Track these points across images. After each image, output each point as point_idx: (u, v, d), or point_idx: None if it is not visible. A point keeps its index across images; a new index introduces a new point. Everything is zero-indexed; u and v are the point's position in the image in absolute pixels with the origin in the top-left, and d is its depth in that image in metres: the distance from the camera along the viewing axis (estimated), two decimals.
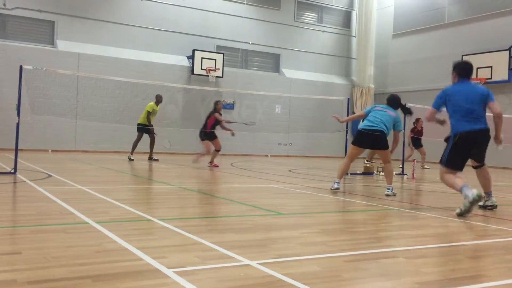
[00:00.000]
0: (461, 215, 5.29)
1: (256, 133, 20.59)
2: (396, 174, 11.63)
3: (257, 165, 11.71)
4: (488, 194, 6.01)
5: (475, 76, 18.85)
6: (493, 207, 5.93)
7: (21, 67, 8.50)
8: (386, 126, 7.30)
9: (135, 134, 13.97)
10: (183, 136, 19.43)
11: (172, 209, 5.40)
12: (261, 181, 9.20)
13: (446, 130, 6.53)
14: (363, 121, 7.67)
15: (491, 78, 18.43)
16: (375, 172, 11.83)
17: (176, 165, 13.04)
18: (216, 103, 12.10)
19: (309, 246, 3.65)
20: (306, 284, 2.60)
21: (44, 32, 17.71)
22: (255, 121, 15.74)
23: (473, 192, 5.30)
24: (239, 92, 18.46)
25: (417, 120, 15.39)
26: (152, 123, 13.82)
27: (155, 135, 13.76)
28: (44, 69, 10.01)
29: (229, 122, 12.28)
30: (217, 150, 11.98)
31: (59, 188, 6.62)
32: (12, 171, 8.04)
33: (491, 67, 18.38)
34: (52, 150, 16.88)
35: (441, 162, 5.86)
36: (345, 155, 7.96)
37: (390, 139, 7.36)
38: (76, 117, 17.20)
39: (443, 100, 5.97)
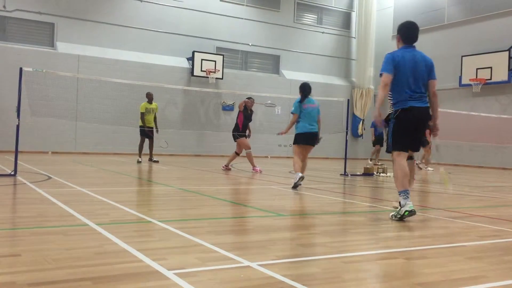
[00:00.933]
0: (392, 218, 4.98)
1: (256, 134, 20.57)
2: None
3: (257, 166, 11.70)
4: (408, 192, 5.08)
5: (474, 77, 18.88)
6: (411, 213, 4.92)
7: (21, 69, 8.51)
8: (317, 123, 8.37)
9: (135, 136, 13.98)
10: (183, 137, 19.44)
11: (172, 210, 5.40)
12: (261, 182, 9.20)
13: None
14: (298, 122, 8.35)
15: (491, 79, 18.44)
16: (375, 173, 11.83)
17: (176, 166, 13.04)
18: (248, 98, 11.66)
19: (309, 247, 3.66)
20: (306, 285, 2.60)
21: (44, 34, 17.73)
22: (274, 103, 15.51)
23: (409, 205, 4.89)
24: (239, 94, 18.45)
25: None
26: (152, 123, 13.64)
27: (152, 137, 13.57)
28: (44, 71, 10.02)
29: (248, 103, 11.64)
30: (237, 153, 11.72)
31: (59, 190, 6.62)
32: (12, 173, 8.04)
33: (491, 67, 18.40)
34: (52, 152, 16.89)
35: (387, 150, 5.36)
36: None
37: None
38: (76, 119, 17.20)
39: (393, 65, 5.15)
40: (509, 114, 16.82)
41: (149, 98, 13.73)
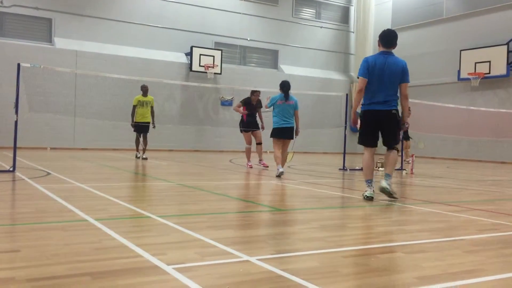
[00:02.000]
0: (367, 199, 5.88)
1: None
2: (395, 169, 11.66)
3: (256, 161, 11.70)
4: (388, 175, 6.02)
5: (473, 71, 18.87)
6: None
7: (18, 65, 8.48)
8: (292, 118, 9.14)
9: (133, 131, 13.91)
10: (182, 133, 19.44)
11: (171, 206, 5.40)
12: (260, 177, 9.21)
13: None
14: (273, 117, 9.19)
15: (489, 73, 18.44)
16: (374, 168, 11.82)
17: (175, 162, 13.04)
18: (252, 93, 11.39)
19: (308, 242, 3.66)
20: (305, 279, 2.60)
21: (42, 29, 17.68)
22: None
23: (368, 192, 5.89)
24: (237, 89, 18.43)
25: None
26: (147, 117, 13.01)
27: (147, 131, 13.08)
28: (41, 66, 9.98)
29: (239, 108, 11.41)
30: (257, 143, 11.42)
31: (58, 185, 6.62)
32: (11, 169, 8.04)
33: (490, 62, 18.38)
34: (51, 148, 16.88)
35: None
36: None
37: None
38: (75, 115, 17.18)
39: (368, 69, 5.84)
40: (507, 108, 16.82)
41: (144, 90, 13.11)
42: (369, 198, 5.85)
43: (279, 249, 3.32)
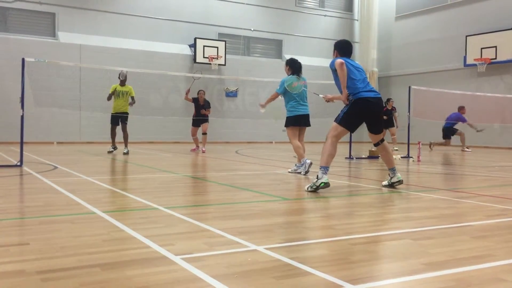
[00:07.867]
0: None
1: (259, 120, 20.54)
2: (401, 157, 11.62)
3: (261, 152, 11.72)
4: (393, 170, 6.04)
5: (479, 57, 18.71)
6: (399, 182, 5.98)
7: (23, 59, 8.49)
8: (308, 103, 8.32)
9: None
10: (187, 124, 19.41)
11: (178, 197, 5.42)
12: (266, 167, 9.21)
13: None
14: (287, 101, 8.23)
15: (495, 58, 18.29)
16: (380, 156, 11.80)
17: (181, 153, 13.06)
18: (198, 92, 13.46)
19: (316, 230, 3.66)
20: (313, 267, 2.61)
21: (45, 24, 17.68)
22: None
23: (325, 178, 5.56)
24: (241, 79, 18.39)
25: (388, 100, 15.55)
26: (124, 108, 12.16)
27: (125, 123, 12.20)
28: (46, 61, 10.00)
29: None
30: (203, 133, 13.59)
31: (65, 179, 6.65)
32: (18, 163, 8.08)
33: (496, 47, 18.22)
34: (57, 142, 16.94)
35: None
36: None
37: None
38: (80, 109, 17.22)
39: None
40: None
41: (119, 78, 12.02)
42: (327, 185, 5.60)
43: (286, 238, 3.32)
